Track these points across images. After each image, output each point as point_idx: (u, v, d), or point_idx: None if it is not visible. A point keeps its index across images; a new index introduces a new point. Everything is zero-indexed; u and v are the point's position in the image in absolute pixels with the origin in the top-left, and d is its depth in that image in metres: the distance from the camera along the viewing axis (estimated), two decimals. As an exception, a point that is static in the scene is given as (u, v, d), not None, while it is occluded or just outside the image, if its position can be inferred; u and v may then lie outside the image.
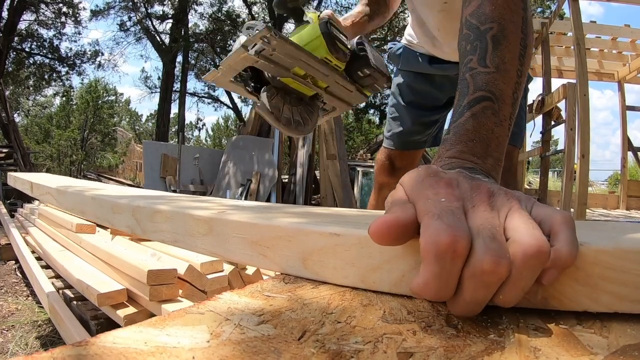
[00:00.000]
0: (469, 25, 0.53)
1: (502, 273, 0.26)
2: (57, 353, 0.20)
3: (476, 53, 0.49)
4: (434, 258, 0.26)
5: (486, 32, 0.51)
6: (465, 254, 0.26)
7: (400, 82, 1.34)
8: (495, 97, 0.46)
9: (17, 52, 12.27)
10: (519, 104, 0.49)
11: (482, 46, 0.50)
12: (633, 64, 4.92)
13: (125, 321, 1.18)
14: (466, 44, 0.52)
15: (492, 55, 0.48)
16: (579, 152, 3.23)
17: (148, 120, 25.50)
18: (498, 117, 0.45)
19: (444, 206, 0.29)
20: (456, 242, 0.26)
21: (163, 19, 14.19)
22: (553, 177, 10.47)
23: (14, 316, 1.74)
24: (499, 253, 0.26)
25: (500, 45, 0.49)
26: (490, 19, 0.51)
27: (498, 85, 0.47)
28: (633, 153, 4.99)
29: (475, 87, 0.47)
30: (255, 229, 0.41)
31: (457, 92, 0.49)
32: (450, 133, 0.45)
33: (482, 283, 0.26)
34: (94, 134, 14.37)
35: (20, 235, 2.54)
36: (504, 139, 0.46)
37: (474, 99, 0.46)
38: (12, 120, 6.86)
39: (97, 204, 0.68)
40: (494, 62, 0.48)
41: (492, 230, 0.27)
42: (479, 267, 0.26)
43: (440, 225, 0.27)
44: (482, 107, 0.45)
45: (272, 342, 0.24)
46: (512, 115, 0.47)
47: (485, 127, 0.44)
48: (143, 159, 7.61)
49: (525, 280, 0.27)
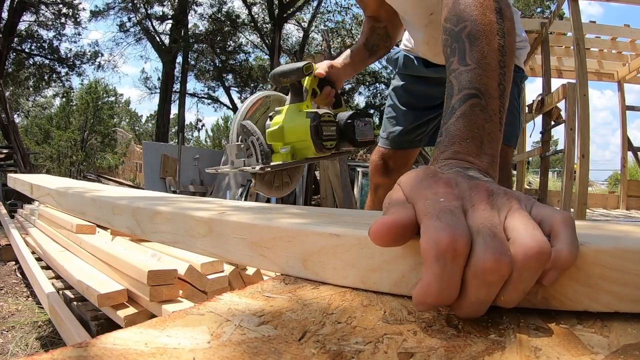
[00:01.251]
0: (445, 30, 0.54)
1: (504, 270, 0.26)
2: (58, 354, 0.20)
3: (456, 54, 0.50)
4: (435, 258, 0.26)
5: (461, 32, 0.51)
6: (466, 253, 0.26)
7: (397, 84, 1.35)
8: (480, 92, 0.46)
9: (17, 53, 12.28)
10: (508, 96, 0.49)
11: (460, 46, 0.50)
12: (633, 63, 4.92)
13: (125, 322, 1.18)
14: (446, 48, 0.53)
15: (470, 52, 0.49)
16: (579, 152, 3.23)
17: (148, 120, 25.52)
18: (487, 112, 0.45)
19: (442, 206, 0.29)
20: (456, 241, 0.26)
21: (163, 20, 14.20)
22: (553, 177, 10.48)
23: (14, 317, 1.74)
24: (500, 250, 0.26)
25: (477, 40, 0.49)
26: (462, 18, 0.52)
27: (482, 80, 0.46)
28: (633, 153, 4.98)
29: (460, 86, 0.47)
30: (255, 230, 0.41)
31: (445, 95, 0.49)
32: (442, 135, 0.45)
33: (485, 282, 0.26)
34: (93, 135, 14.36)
35: (20, 236, 2.53)
36: (497, 134, 0.45)
37: (460, 98, 0.46)
38: (12, 121, 6.86)
39: (97, 205, 0.68)
40: (474, 59, 0.48)
41: (492, 228, 0.27)
42: (480, 266, 0.26)
43: (439, 225, 0.27)
44: (469, 105, 0.45)
45: (272, 342, 0.24)
46: (502, 108, 0.47)
47: (475, 124, 0.44)
48: (143, 159, 7.61)
49: (526, 281, 0.27)
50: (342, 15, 14.17)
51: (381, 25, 1.11)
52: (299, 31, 15.38)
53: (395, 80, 1.37)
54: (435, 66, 1.24)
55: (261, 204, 0.76)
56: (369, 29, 1.10)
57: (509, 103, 0.49)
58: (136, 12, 13.70)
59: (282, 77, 0.84)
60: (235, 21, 14.53)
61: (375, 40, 1.09)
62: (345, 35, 13.95)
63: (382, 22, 1.11)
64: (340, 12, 14.16)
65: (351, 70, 1.03)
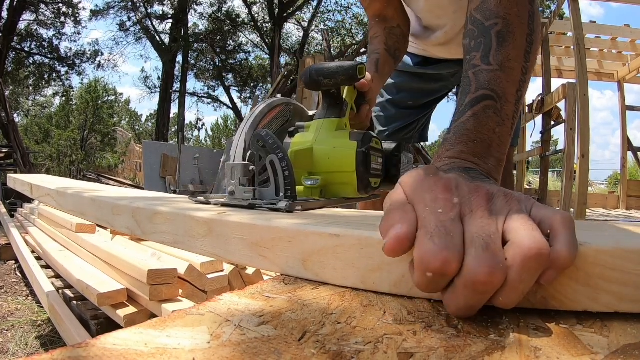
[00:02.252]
0: (473, 21, 0.52)
1: (496, 282, 0.26)
2: (58, 355, 0.20)
3: (480, 50, 0.48)
4: (424, 273, 0.27)
5: (491, 28, 0.49)
6: (455, 273, 0.27)
7: (389, 81, 1.28)
8: (497, 96, 0.45)
9: (16, 52, 12.28)
10: (522, 102, 0.48)
11: (486, 43, 0.48)
12: (633, 64, 4.92)
13: (125, 321, 1.18)
14: (470, 40, 0.51)
15: (496, 52, 0.47)
16: (579, 152, 3.23)
17: (148, 120, 25.52)
18: (500, 116, 0.44)
19: (439, 223, 0.28)
20: (445, 267, 0.26)
21: (163, 19, 14.20)
22: (553, 177, 10.48)
23: (14, 316, 1.74)
24: (491, 263, 0.26)
25: (505, 42, 0.48)
26: (495, 14, 0.50)
27: (501, 84, 0.46)
28: (633, 153, 4.98)
29: (478, 85, 0.46)
30: (255, 230, 0.41)
31: (460, 90, 0.48)
32: (450, 133, 0.44)
33: (476, 291, 0.26)
34: (93, 134, 14.37)
35: (20, 235, 2.53)
36: (506, 139, 0.45)
37: (475, 97, 0.45)
38: (12, 120, 6.86)
39: (97, 205, 0.68)
40: (498, 60, 0.47)
41: (486, 239, 0.27)
42: (470, 279, 0.26)
43: (431, 247, 0.27)
44: (483, 107, 0.44)
45: (272, 343, 0.24)
46: (516, 113, 0.47)
47: (486, 127, 0.43)
48: (143, 159, 7.61)
49: (525, 283, 0.27)
50: (342, 14, 14.18)
51: (394, 25, 0.96)
52: (299, 31, 15.40)
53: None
54: (432, 64, 1.22)
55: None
56: (384, 31, 0.94)
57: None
58: (136, 12, 13.70)
59: (326, 77, 0.62)
60: (235, 20, 14.53)
61: (395, 44, 0.93)
62: (346, 34, 13.95)
63: (393, 22, 0.97)
64: (340, 11, 14.17)
65: (381, 83, 0.87)
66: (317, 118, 0.65)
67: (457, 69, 1.21)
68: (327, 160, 0.61)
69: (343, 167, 0.60)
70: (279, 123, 0.67)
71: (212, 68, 15.64)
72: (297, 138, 0.64)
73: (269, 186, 0.54)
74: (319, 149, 0.61)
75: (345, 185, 0.62)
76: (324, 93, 0.65)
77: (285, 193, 0.53)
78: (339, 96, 0.66)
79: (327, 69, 0.62)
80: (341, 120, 0.64)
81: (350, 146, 0.60)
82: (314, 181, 0.60)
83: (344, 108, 0.66)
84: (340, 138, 0.61)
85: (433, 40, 1.12)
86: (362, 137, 0.60)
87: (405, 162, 0.72)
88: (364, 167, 0.59)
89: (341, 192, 0.63)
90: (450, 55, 1.17)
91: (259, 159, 0.55)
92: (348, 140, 0.61)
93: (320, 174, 0.61)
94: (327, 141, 0.62)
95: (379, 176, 0.65)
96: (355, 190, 0.61)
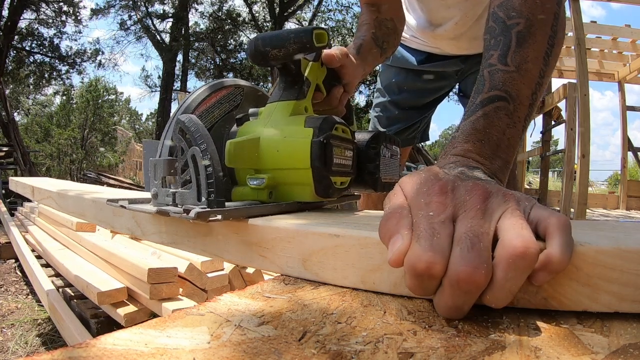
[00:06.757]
0: (495, 18, 0.50)
1: (480, 281, 0.26)
2: (58, 354, 0.20)
3: (498, 49, 0.47)
4: (412, 275, 0.27)
5: (512, 27, 0.48)
6: (441, 274, 0.27)
7: (387, 80, 1.28)
8: (511, 97, 0.44)
9: (17, 50, 12.27)
10: (537, 104, 0.47)
11: (506, 42, 0.47)
12: (633, 64, 4.91)
13: (125, 319, 1.18)
14: (490, 37, 0.49)
15: (515, 53, 0.46)
16: (579, 152, 3.22)
17: (148, 119, 25.55)
18: (512, 118, 0.44)
19: (427, 225, 0.29)
20: (431, 268, 0.27)
21: (163, 18, 14.19)
22: (553, 177, 10.48)
23: (14, 314, 1.74)
24: (474, 262, 0.26)
25: (525, 43, 0.47)
26: (518, 13, 0.48)
27: (516, 86, 0.45)
28: (633, 153, 4.98)
29: (491, 85, 0.45)
30: (255, 230, 0.41)
31: (474, 88, 0.47)
32: (459, 131, 0.44)
33: (461, 290, 0.27)
34: (94, 133, 14.38)
35: (20, 234, 2.54)
36: (516, 141, 0.44)
37: (487, 97, 0.44)
38: (12, 119, 6.86)
39: (97, 207, 0.68)
40: (515, 61, 0.46)
41: (472, 238, 0.27)
42: (454, 278, 0.26)
43: (418, 249, 0.27)
44: (495, 107, 0.44)
45: (272, 343, 0.24)
46: (529, 116, 0.46)
47: (496, 127, 0.43)
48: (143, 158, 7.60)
49: (512, 281, 0.27)
50: (343, 14, 14.17)
51: (386, 17, 0.89)
52: (299, 30, 15.32)
53: (385, 75, 1.29)
54: (435, 61, 1.20)
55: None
56: (374, 21, 0.86)
57: None
58: (137, 10, 13.70)
59: (274, 47, 0.50)
60: (235, 20, 14.52)
61: (384, 36, 0.86)
62: (346, 34, 13.93)
63: (386, 14, 0.90)
64: (340, 10, 14.16)
65: (362, 69, 0.76)
66: (270, 101, 0.53)
67: (463, 66, 1.19)
68: (275, 153, 0.48)
69: (295, 163, 0.47)
70: (224, 108, 0.55)
71: (213, 67, 15.63)
72: (245, 127, 0.52)
73: (191, 187, 0.43)
74: (266, 140, 0.48)
75: (299, 186, 0.49)
76: (279, 70, 0.53)
77: (208, 196, 0.41)
78: (299, 73, 0.53)
79: (275, 36, 0.50)
80: (299, 103, 0.52)
81: (305, 134, 0.46)
82: (260, 181, 0.48)
83: (304, 88, 0.53)
84: (293, 124, 0.49)
85: (442, 34, 1.08)
86: (321, 122, 0.47)
87: (388, 157, 0.59)
88: (321, 162, 0.46)
89: (295, 195, 0.50)
90: (458, 51, 1.14)
91: (182, 153, 0.44)
92: (302, 127, 0.47)
93: (267, 172, 0.49)
94: (277, 129, 0.49)
95: (348, 174, 0.53)
96: (312, 193, 0.48)
